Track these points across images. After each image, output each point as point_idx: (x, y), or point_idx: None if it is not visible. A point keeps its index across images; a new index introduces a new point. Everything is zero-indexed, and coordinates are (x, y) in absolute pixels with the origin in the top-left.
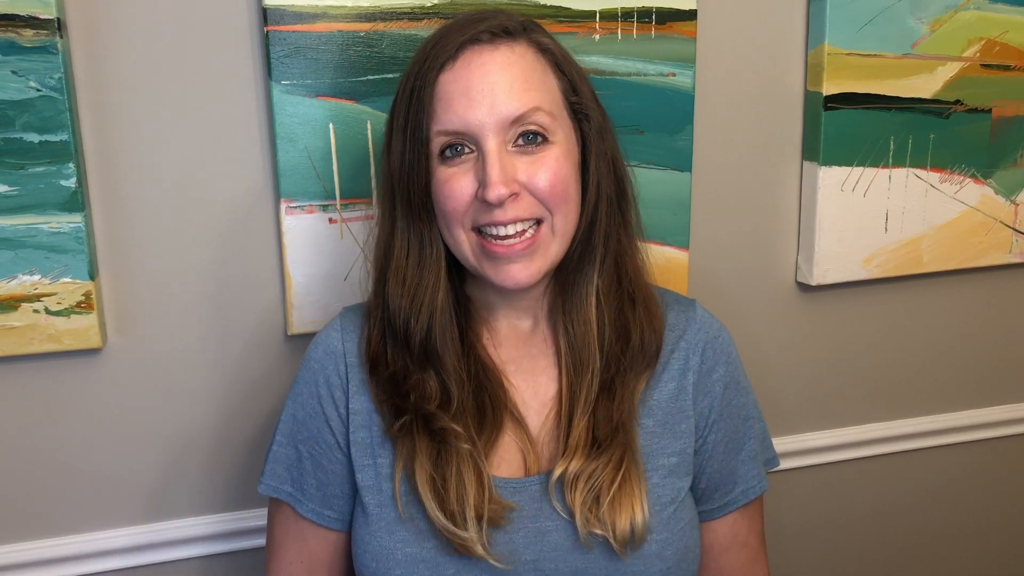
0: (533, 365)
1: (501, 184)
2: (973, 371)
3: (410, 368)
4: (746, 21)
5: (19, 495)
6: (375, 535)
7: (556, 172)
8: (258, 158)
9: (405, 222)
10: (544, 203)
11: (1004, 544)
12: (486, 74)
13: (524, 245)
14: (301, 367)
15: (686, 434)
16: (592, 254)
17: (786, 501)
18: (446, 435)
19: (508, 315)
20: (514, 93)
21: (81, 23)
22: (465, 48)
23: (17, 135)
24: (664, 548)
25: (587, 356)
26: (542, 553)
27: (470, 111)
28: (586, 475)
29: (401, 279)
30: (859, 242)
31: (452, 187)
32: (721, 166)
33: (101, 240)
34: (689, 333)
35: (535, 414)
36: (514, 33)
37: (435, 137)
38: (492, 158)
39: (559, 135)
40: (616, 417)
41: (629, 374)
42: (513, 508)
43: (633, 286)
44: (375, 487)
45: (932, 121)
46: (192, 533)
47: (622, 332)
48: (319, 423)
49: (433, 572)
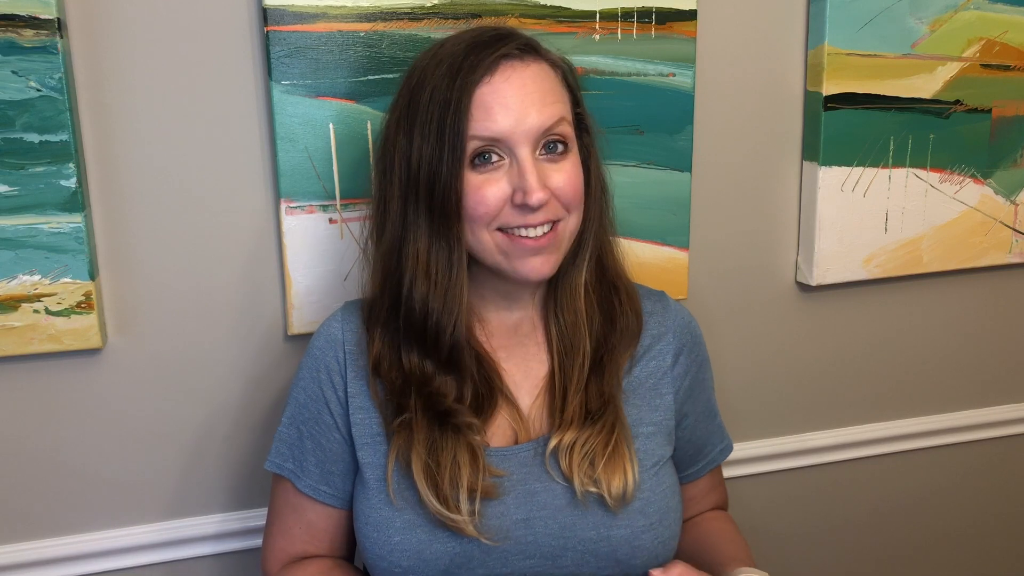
0: (523, 351)
1: (540, 190)
2: (973, 371)
3: (429, 371)
4: (746, 21)
5: (19, 495)
6: (375, 507)
7: (575, 178)
8: (258, 158)
9: (428, 223)
10: (565, 206)
11: (1004, 544)
12: (523, 86)
13: (548, 240)
14: (304, 354)
15: (663, 408)
16: (584, 252)
17: (786, 501)
18: (460, 428)
19: (499, 307)
20: (545, 106)
21: (81, 23)
22: (501, 62)
23: (17, 135)
24: (647, 505)
25: (578, 341)
26: (532, 512)
27: (508, 121)
28: (581, 442)
29: (433, 281)
30: (859, 242)
31: (484, 193)
32: (721, 166)
33: (101, 240)
34: (667, 319)
35: (526, 394)
36: (539, 51)
37: (470, 142)
38: (528, 166)
39: (573, 144)
40: (606, 391)
41: (616, 352)
42: (503, 475)
43: (614, 276)
44: (375, 463)
45: (932, 121)
46: (192, 533)
47: (608, 317)
48: (319, 405)
49: (429, 535)
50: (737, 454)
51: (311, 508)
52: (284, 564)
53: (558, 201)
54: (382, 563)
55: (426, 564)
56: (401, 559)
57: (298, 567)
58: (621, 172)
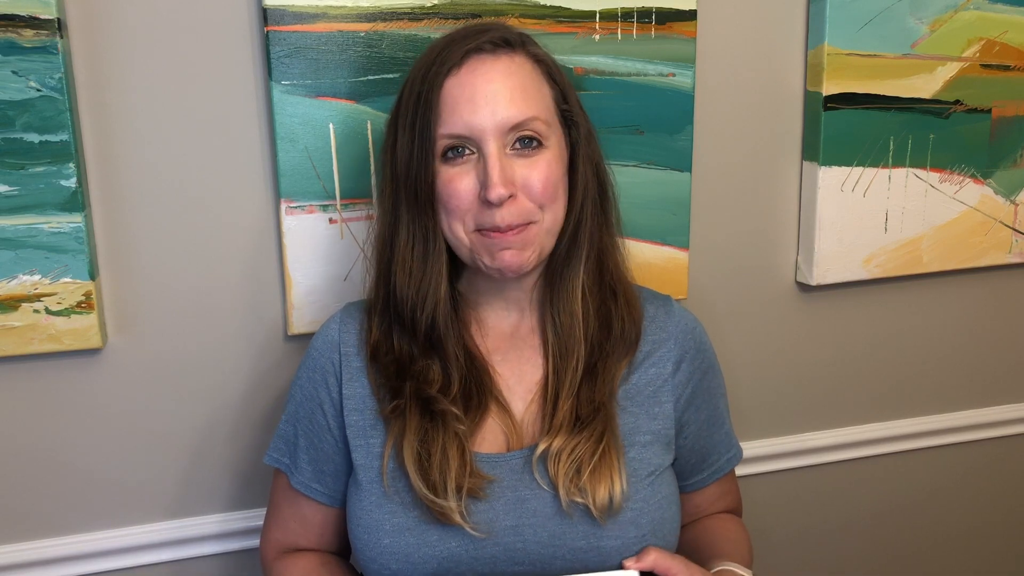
0: (519, 355)
1: (501, 185)
2: (973, 371)
3: (415, 354)
4: (746, 21)
5: (19, 495)
6: (367, 510)
7: (549, 174)
8: (258, 158)
9: (409, 217)
10: (535, 202)
11: (1004, 544)
12: (489, 81)
13: (515, 235)
14: (304, 355)
15: (663, 416)
16: (578, 251)
17: (786, 501)
18: (445, 416)
19: (496, 308)
20: (514, 102)
21: (81, 23)
22: (470, 56)
23: (17, 135)
24: (639, 516)
25: (572, 345)
26: (522, 519)
27: (474, 116)
28: (568, 449)
29: (408, 271)
30: (859, 242)
31: (455, 186)
32: (721, 166)
33: (101, 240)
34: (669, 325)
35: (519, 399)
36: (513, 44)
37: (440, 139)
38: (493, 160)
39: (552, 140)
40: (598, 398)
41: (610, 359)
42: (492, 480)
43: (614, 280)
44: (367, 464)
45: (932, 121)
46: (192, 533)
47: (604, 322)
48: (313, 406)
49: (418, 539)
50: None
51: (305, 503)
52: (279, 553)
53: (527, 197)
54: (373, 564)
55: (415, 567)
56: (391, 561)
57: (290, 559)
58: (621, 172)
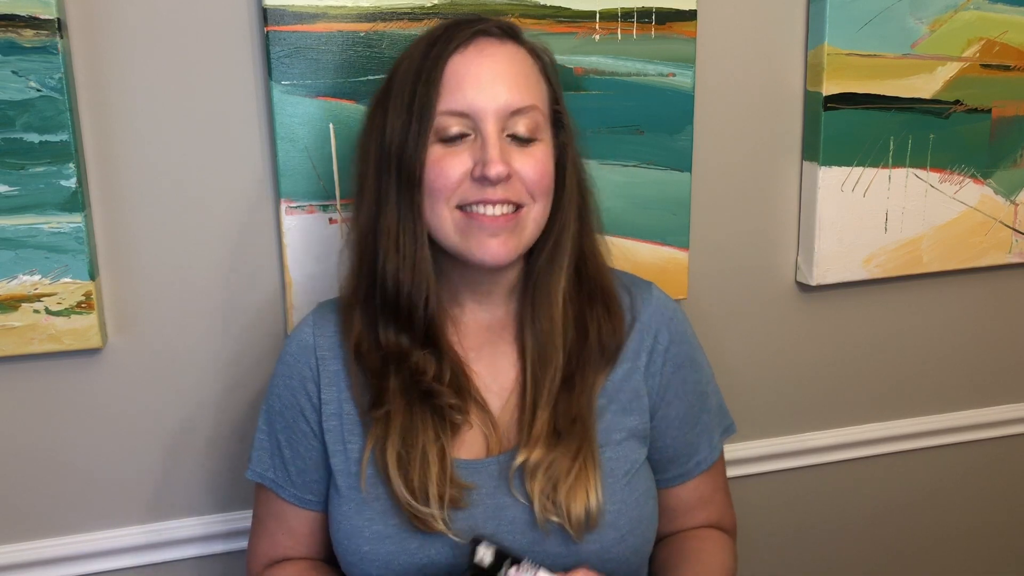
0: (493, 351)
1: (500, 163)
2: (973, 371)
3: (406, 346)
4: (746, 21)
5: (19, 495)
6: (346, 516)
7: (542, 164)
8: (258, 158)
9: (397, 197)
10: (530, 191)
11: (1004, 544)
12: (496, 63)
13: (506, 221)
14: (277, 362)
15: (639, 410)
16: (560, 256)
17: (786, 501)
18: (445, 409)
19: (473, 308)
20: (518, 87)
21: (81, 23)
22: (479, 37)
23: (17, 135)
24: (617, 518)
25: (551, 353)
26: (501, 527)
27: (478, 95)
28: (545, 464)
29: (402, 255)
30: (859, 242)
31: (444, 165)
32: (721, 166)
33: (101, 240)
34: (644, 316)
35: (496, 397)
36: (518, 36)
37: (440, 115)
38: (492, 139)
39: (545, 137)
40: (575, 411)
41: (588, 369)
42: (472, 488)
43: (594, 286)
44: (346, 470)
45: (932, 121)
46: (193, 533)
47: (581, 330)
48: (295, 414)
49: (398, 547)
50: (737, 454)
51: (293, 515)
52: (266, 566)
53: (522, 184)
54: (354, 570)
55: (396, 574)
56: (371, 568)
57: (279, 569)
58: (621, 172)
